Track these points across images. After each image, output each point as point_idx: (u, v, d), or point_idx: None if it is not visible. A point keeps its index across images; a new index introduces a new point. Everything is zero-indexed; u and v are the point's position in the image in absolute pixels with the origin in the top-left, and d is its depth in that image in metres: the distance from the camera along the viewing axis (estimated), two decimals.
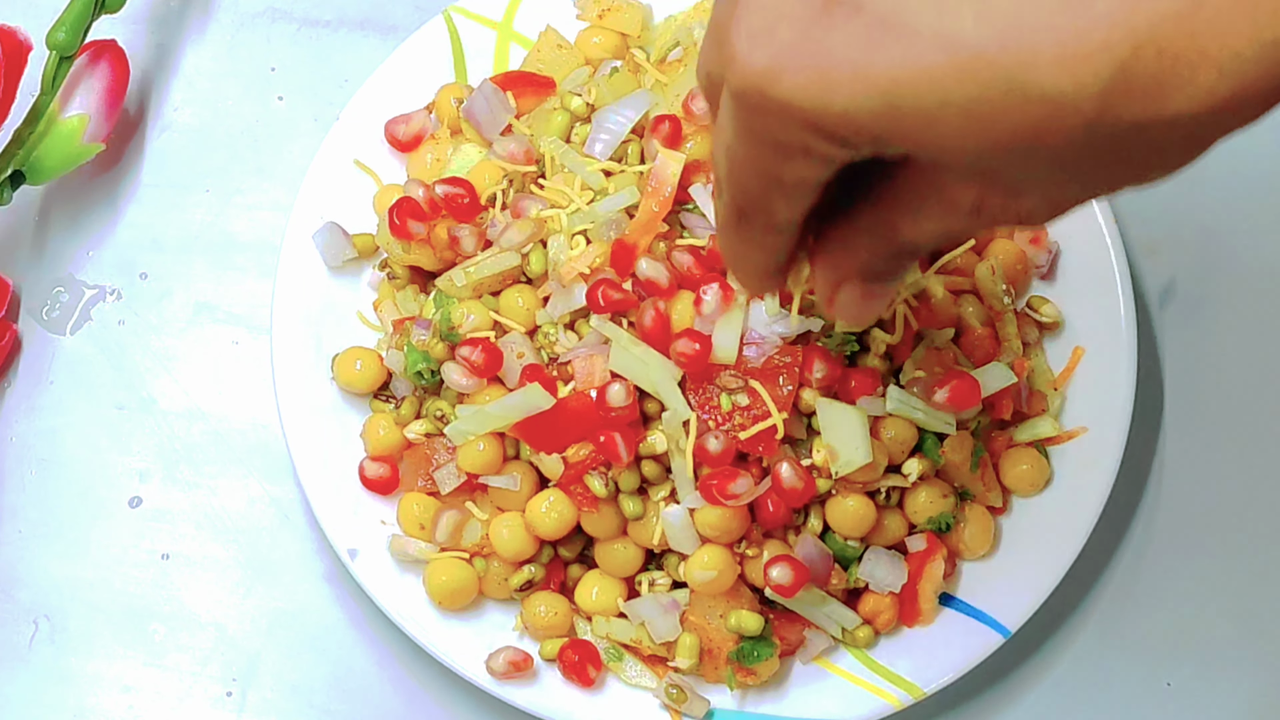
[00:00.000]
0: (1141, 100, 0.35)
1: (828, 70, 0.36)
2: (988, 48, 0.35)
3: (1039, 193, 0.39)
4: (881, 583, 0.62)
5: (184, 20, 0.76)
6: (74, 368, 0.71)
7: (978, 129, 0.36)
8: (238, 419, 0.70)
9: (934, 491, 0.62)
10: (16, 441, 0.70)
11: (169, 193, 0.73)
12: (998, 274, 0.65)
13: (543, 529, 0.62)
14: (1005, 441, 0.65)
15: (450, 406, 0.63)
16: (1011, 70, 0.35)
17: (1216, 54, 0.34)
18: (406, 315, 0.66)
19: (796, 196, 0.41)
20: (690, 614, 0.62)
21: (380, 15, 0.75)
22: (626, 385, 0.60)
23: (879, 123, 0.36)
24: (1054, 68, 0.34)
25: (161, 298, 0.72)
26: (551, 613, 0.63)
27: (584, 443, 0.61)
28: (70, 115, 0.70)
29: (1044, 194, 0.39)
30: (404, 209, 0.65)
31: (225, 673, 0.67)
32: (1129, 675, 0.66)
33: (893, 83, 0.36)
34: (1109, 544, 0.68)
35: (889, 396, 0.61)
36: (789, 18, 0.37)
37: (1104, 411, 0.64)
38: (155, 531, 0.69)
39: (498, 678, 0.62)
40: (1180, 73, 0.34)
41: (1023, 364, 0.65)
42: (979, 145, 0.36)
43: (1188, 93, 0.34)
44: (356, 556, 0.64)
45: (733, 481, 0.59)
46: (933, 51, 0.35)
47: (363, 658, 0.67)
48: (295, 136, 0.73)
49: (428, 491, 0.64)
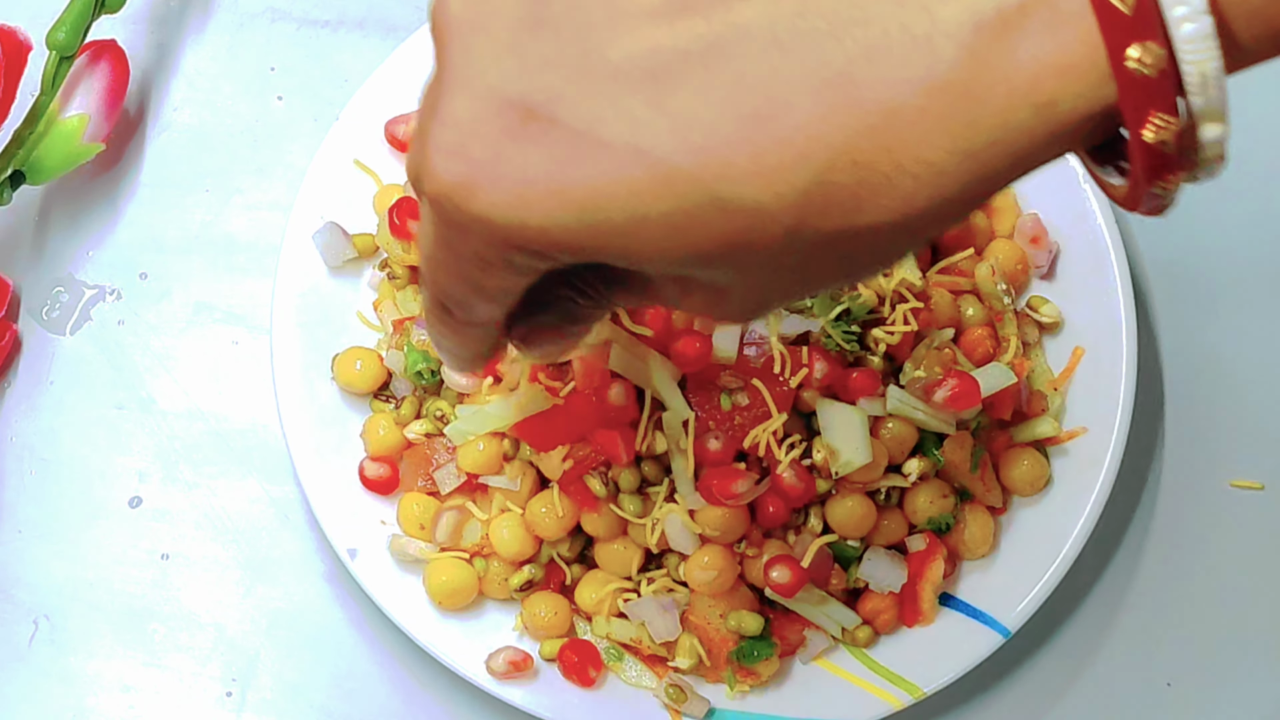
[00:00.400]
0: (840, 210, 0.34)
1: (522, 187, 0.35)
2: (683, 161, 0.34)
3: (742, 294, 0.38)
4: (881, 583, 0.62)
5: (184, 20, 0.76)
6: (74, 368, 0.71)
7: (677, 240, 0.35)
8: (238, 419, 0.70)
9: (934, 491, 0.62)
10: (16, 441, 0.70)
11: (169, 193, 0.73)
12: (998, 274, 0.65)
13: (543, 529, 0.62)
14: (1005, 441, 0.65)
15: (450, 406, 0.64)
16: (708, 183, 0.34)
17: (912, 166, 0.34)
18: (406, 315, 0.66)
19: (498, 300, 0.41)
20: (690, 614, 0.62)
21: (380, 15, 0.75)
22: (626, 385, 0.60)
23: (576, 237, 0.36)
24: (750, 180, 0.34)
25: (161, 298, 0.72)
26: (551, 613, 0.63)
27: (584, 443, 0.61)
28: (70, 115, 0.70)
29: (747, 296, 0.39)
30: (404, 209, 0.65)
31: (225, 673, 0.67)
32: (1129, 675, 0.66)
33: (589, 197, 0.35)
34: (1109, 544, 0.68)
35: (889, 396, 0.61)
36: (482, 134, 0.36)
37: (1104, 411, 0.64)
38: (155, 531, 0.69)
39: (497, 678, 0.62)
40: (877, 184, 0.34)
41: (1023, 364, 0.65)
42: (679, 255, 0.36)
43: (883, 203, 0.34)
44: (356, 556, 0.64)
45: (733, 481, 0.59)
46: (629, 165, 0.34)
47: (363, 658, 0.67)
48: (295, 136, 0.73)
49: (428, 491, 0.64)
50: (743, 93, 0.34)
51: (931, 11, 0.33)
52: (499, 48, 0.36)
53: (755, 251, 0.36)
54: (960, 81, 0.33)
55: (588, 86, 0.35)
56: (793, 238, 0.35)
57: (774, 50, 0.34)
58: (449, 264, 0.40)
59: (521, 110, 0.35)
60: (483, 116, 0.36)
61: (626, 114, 0.34)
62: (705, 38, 0.34)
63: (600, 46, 0.35)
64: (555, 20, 0.35)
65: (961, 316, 0.65)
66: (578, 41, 0.35)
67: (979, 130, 0.34)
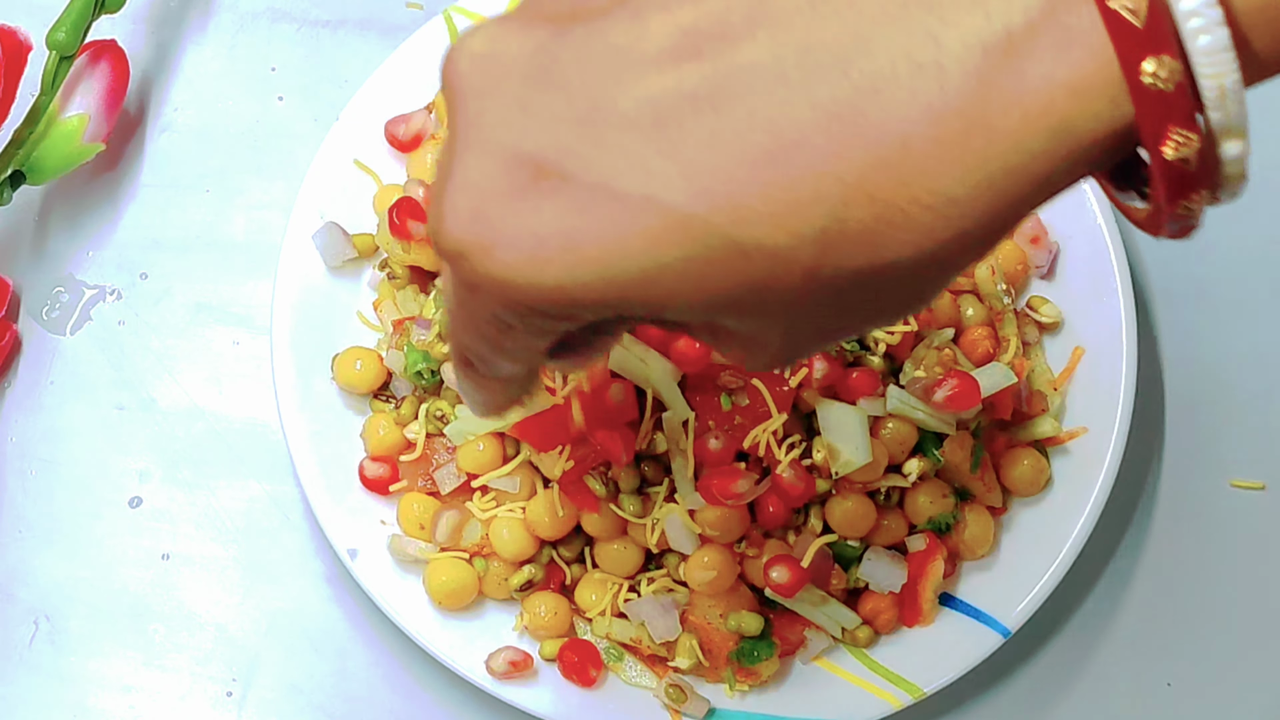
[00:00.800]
0: (859, 248, 0.34)
1: (536, 245, 0.35)
2: (698, 207, 0.34)
3: (772, 341, 0.38)
4: (881, 583, 0.62)
5: (184, 20, 0.76)
6: (74, 368, 0.71)
7: (697, 287, 0.35)
8: (238, 419, 0.70)
9: (934, 491, 0.62)
10: (16, 441, 0.70)
11: (169, 193, 0.73)
12: (998, 274, 0.65)
13: (543, 529, 0.62)
14: (1005, 441, 0.65)
15: (450, 406, 0.64)
16: (723, 228, 0.34)
17: (928, 198, 0.33)
18: (406, 315, 0.66)
19: (520, 359, 0.40)
20: (690, 614, 0.62)
21: (380, 15, 0.75)
22: (626, 385, 0.60)
23: (594, 292, 0.35)
24: (765, 221, 0.34)
25: (161, 298, 0.72)
26: (551, 613, 0.63)
27: (584, 443, 0.61)
28: (70, 115, 0.70)
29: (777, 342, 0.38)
30: (404, 209, 0.65)
31: (225, 673, 0.67)
32: (1129, 675, 0.66)
33: (605, 251, 0.34)
34: (1109, 544, 0.68)
35: (889, 396, 0.61)
36: (495, 195, 0.35)
37: (1104, 411, 0.64)
38: (155, 531, 0.69)
39: (498, 678, 0.62)
40: (895, 219, 0.33)
41: (1023, 364, 0.65)
42: (701, 302, 0.35)
43: (904, 238, 0.34)
44: (356, 556, 0.64)
45: (733, 481, 0.59)
46: (644, 216, 0.34)
47: (363, 658, 0.67)
48: (295, 136, 0.73)
49: (428, 491, 0.64)
50: (752, 133, 0.33)
51: (937, 38, 0.33)
52: (509, 105, 0.36)
53: (777, 295, 0.35)
54: (970, 108, 0.33)
55: (598, 139, 0.34)
56: (813, 278, 0.34)
57: (781, 88, 0.33)
58: (467, 323, 0.39)
59: (533, 167, 0.35)
60: (495, 175, 0.35)
61: (638, 163, 0.34)
62: (711, 80, 0.34)
63: (609, 97, 0.35)
64: (564, 75, 0.35)
65: (961, 316, 0.65)
66: (586, 94, 0.35)
67: (993, 158, 0.33)
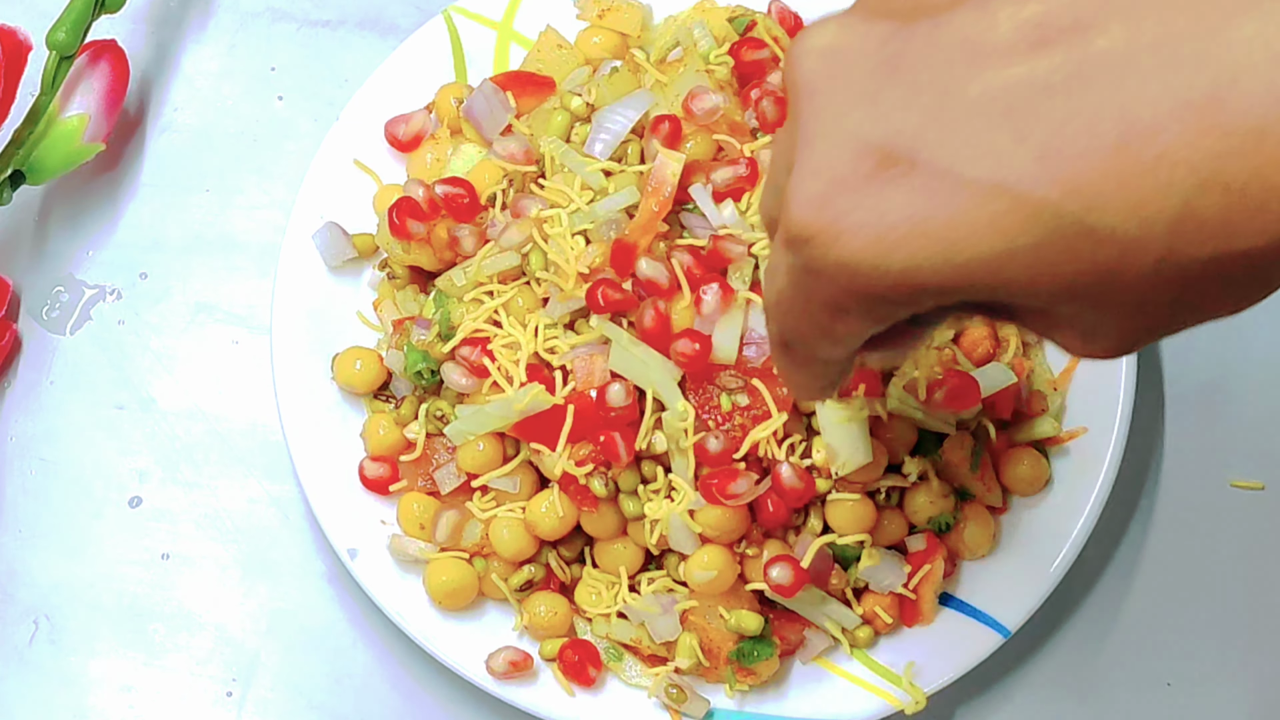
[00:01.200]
0: (1211, 236, 0.34)
1: (886, 230, 0.36)
2: (1050, 192, 0.34)
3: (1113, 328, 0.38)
4: (881, 583, 0.62)
5: (184, 20, 0.76)
6: (74, 368, 0.71)
7: (1045, 272, 0.35)
8: (238, 419, 0.70)
9: (934, 491, 0.62)
10: (16, 441, 0.70)
11: (169, 193, 0.73)
12: None
13: (543, 529, 0.62)
14: (1005, 441, 0.65)
15: (450, 406, 0.64)
16: (1076, 213, 0.34)
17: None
18: (406, 315, 0.66)
19: (846, 343, 0.41)
20: (690, 614, 0.62)
21: (380, 15, 0.75)
22: (626, 385, 0.60)
23: (941, 277, 0.36)
24: (1119, 208, 0.34)
25: (161, 298, 0.72)
26: (551, 613, 0.63)
27: (584, 443, 0.61)
28: (70, 115, 0.70)
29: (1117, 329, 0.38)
30: (404, 209, 0.65)
31: (225, 673, 0.67)
32: (1129, 675, 0.66)
33: (954, 236, 0.35)
34: (1109, 544, 0.68)
35: (889, 396, 0.61)
36: (843, 182, 0.36)
37: (1104, 411, 0.64)
38: (155, 531, 0.69)
39: (498, 678, 0.62)
40: (1248, 207, 0.33)
41: (1023, 364, 0.65)
42: (1047, 288, 0.36)
43: (1257, 227, 0.34)
44: (356, 556, 0.64)
45: (733, 481, 0.59)
46: (994, 201, 0.34)
47: (363, 658, 0.67)
48: (295, 136, 0.73)
49: (428, 491, 0.64)
50: (1106, 121, 0.34)
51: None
52: (856, 95, 0.36)
53: (1124, 282, 0.35)
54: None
55: (947, 125, 0.35)
56: (1163, 266, 0.35)
57: (1134, 77, 0.34)
58: (799, 308, 0.40)
59: (881, 155, 0.36)
60: (843, 163, 0.36)
61: (988, 150, 0.34)
62: (1064, 69, 0.34)
63: (959, 86, 0.35)
64: (911, 64, 0.36)
65: None
66: (935, 82, 0.35)
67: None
